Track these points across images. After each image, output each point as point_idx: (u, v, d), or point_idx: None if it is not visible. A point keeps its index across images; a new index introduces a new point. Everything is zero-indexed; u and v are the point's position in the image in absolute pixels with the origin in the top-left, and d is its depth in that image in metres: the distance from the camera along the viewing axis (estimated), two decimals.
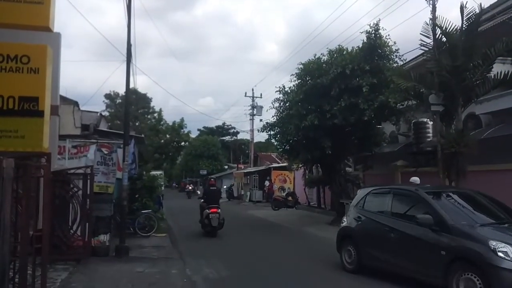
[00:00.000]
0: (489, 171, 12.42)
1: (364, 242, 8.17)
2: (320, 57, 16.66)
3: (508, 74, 10.85)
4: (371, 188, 9.47)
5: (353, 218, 8.72)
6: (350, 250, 8.50)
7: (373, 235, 8.02)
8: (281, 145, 19.43)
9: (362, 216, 8.48)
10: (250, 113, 43.47)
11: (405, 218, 7.50)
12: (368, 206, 8.59)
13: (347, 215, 9.25)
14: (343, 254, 8.74)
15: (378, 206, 8.32)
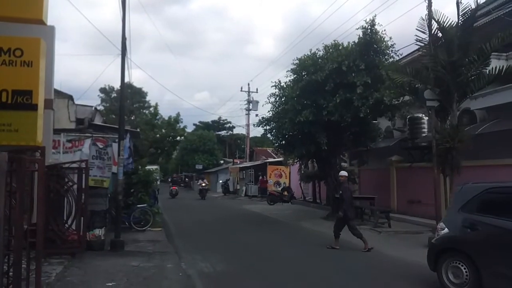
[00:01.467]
0: (484, 166, 12.52)
1: (488, 257, 6.16)
2: (316, 53, 16.65)
3: (503, 69, 10.88)
4: (483, 184, 7.02)
5: (462, 225, 6.67)
6: (458, 267, 6.50)
7: (505, 248, 5.95)
8: (277, 140, 19.46)
9: (480, 223, 6.43)
10: (246, 108, 43.47)
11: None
12: (487, 209, 6.48)
13: (445, 221, 7.28)
14: (444, 272, 6.74)
15: (507, 209, 6.21)
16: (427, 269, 8.48)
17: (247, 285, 7.17)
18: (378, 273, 8.31)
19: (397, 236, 12.83)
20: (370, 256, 9.96)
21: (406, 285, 7.39)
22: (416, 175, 15.57)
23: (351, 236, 12.80)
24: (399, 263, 9.14)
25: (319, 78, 15.08)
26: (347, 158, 22.99)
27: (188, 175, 59.09)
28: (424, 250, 9.92)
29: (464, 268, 6.39)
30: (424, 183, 14.00)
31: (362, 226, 14.58)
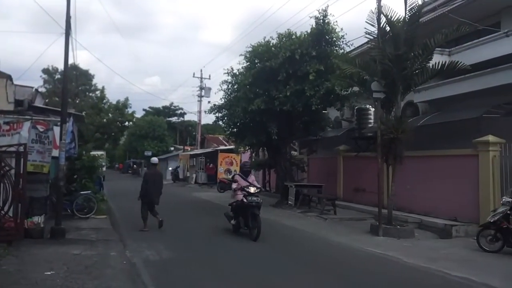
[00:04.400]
0: (424, 157, 13.14)
1: None
2: (269, 41, 16.64)
3: (445, 64, 11.40)
4: None
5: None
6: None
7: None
8: (228, 128, 19.39)
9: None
10: (198, 95, 42.88)
11: None
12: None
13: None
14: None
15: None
16: (368, 253, 8.86)
17: (193, 272, 7.10)
18: (322, 258, 8.55)
19: (342, 223, 13.24)
20: (316, 243, 10.22)
21: (349, 269, 7.65)
22: (362, 164, 16.09)
23: (300, 223, 13.10)
24: (342, 249, 9.45)
25: (273, 64, 15.09)
26: (297, 147, 23.35)
27: (137, 162, 57.66)
28: (367, 235, 10.36)
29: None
30: (369, 172, 14.49)
31: (309, 214, 14.98)
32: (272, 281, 6.64)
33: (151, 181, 11.43)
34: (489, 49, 12.97)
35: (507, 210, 8.74)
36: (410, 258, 8.26)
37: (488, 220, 8.99)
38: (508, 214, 8.73)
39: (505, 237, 8.72)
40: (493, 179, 10.67)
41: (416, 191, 12.98)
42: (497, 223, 8.78)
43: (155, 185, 11.46)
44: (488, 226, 9.03)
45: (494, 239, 8.91)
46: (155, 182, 11.51)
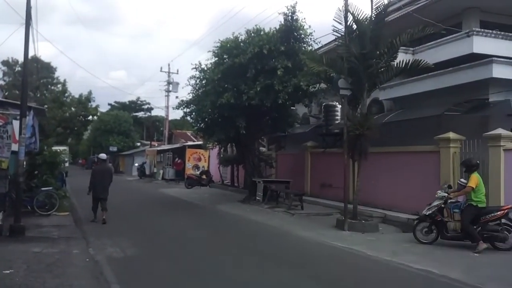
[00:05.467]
0: (388, 153, 13.47)
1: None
2: (238, 36, 16.55)
3: (409, 63, 11.71)
4: None
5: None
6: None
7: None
8: (197, 123, 19.19)
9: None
10: (166, 89, 42.25)
11: None
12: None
13: None
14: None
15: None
16: (333, 247, 9.01)
17: (158, 268, 6.99)
18: (287, 252, 8.63)
19: (309, 217, 13.39)
20: (282, 237, 10.31)
21: (315, 263, 7.76)
22: (329, 160, 16.33)
23: (267, 218, 13.16)
24: (309, 243, 9.56)
25: (241, 60, 15.03)
26: (265, 143, 23.44)
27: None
28: (333, 230, 10.53)
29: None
30: (336, 167, 14.70)
31: (277, 209, 15.08)
32: (239, 275, 6.64)
33: (99, 177, 11.78)
34: (451, 49, 13.45)
35: (441, 204, 9.23)
36: (374, 251, 8.45)
37: (424, 213, 9.44)
38: (442, 207, 9.25)
39: (439, 229, 9.22)
40: (453, 175, 11.06)
41: (380, 186, 13.30)
42: (432, 216, 9.26)
43: (103, 181, 11.74)
44: (424, 219, 9.50)
45: (429, 231, 9.39)
46: (103, 177, 11.82)
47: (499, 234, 8.65)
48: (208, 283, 6.29)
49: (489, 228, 8.69)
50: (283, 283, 6.35)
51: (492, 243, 8.71)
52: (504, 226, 8.69)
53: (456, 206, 9.18)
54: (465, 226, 8.73)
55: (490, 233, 8.68)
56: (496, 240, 8.68)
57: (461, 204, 9.16)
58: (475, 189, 8.71)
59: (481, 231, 8.68)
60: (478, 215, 8.74)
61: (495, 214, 8.68)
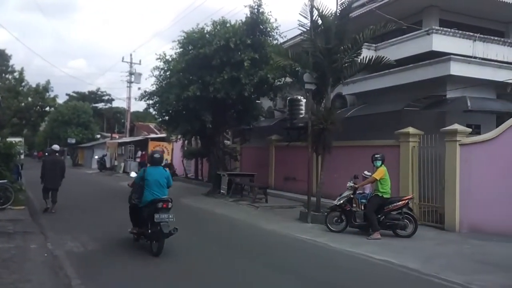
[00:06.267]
0: (351, 147, 13.77)
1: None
2: (203, 28, 16.34)
3: (372, 59, 11.97)
4: None
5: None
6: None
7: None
8: (160, 115, 18.85)
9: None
10: (128, 80, 41.20)
11: None
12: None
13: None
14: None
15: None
16: (297, 239, 9.14)
17: (119, 262, 6.84)
18: (252, 244, 8.73)
19: (273, 210, 13.51)
20: (246, 230, 10.36)
21: (278, 254, 7.85)
22: (293, 153, 16.50)
23: (232, 211, 13.17)
24: (272, 235, 9.65)
25: (207, 51, 14.86)
26: (230, 136, 23.39)
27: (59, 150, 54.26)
28: (296, 222, 10.68)
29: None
30: (299, 161, 14.90)
31: (241, 202, 15.11)
32: (203, 267, 6.62)
33: (50, 168, 11.87)
34: (411, 46, 13.85)
35: (350, 194, 9.82)
36: (336, 243, 8.64)
37: (335, 203, 9.96)
38: (351, 198, 9.85)
39: (348, 218, 9.77)
40: (412, 168, 11.44)
41: (343, 180, 13.51)
42: (342, 206, 9.79)
43: (55, 172, 11.87)
44: (334, 209, 10.02)
45: (339, 220, 9.92)
46: (55, 168, 11.93)
47: (399, 222, 9.42)
48: (171, 275, 6.21)
49: (392, 217, 9.45)
50: (246, 273, 6.38)
51: (394, 230, 9.46)
52: (405, 215, 9.44)
53: (364, 196, 9.99)
54: (368, 214, 9.43)
55: (392, 222, 9.44)
56: (397, 228, 9.43)
57: (368, 195, 9.94)
58: (381, 181, 9.37)
59: (384, 220, 9.42)
60: (383, 205, 9.42)
61: (397, 204, 9.43)
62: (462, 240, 9.27)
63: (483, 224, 9.97)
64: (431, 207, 10.99)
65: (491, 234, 9.56)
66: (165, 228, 7.06)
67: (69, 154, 51.28)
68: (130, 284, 5.86)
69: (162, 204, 7.35)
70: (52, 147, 13.61)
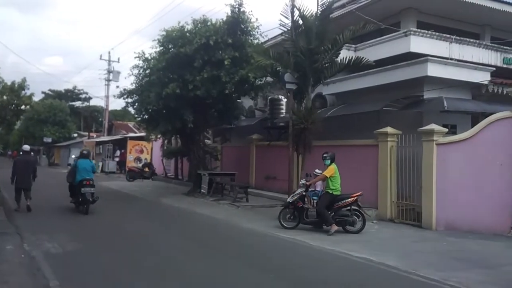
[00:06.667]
0: (331, 146, 13.83)
1: None
2: (184, 26, 16.23)
3: (352, 60, 12.12)
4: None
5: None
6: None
7: None
8: (140, 114, 18.62)
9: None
10: (106, 78, 40.56)
11: None
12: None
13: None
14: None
15: None
16: (278, 238, 9.19)
17: (99, 263, 6.74)
18: (232, 243, 8.74)
19: (254, 210, 13.53)
20: (227, 229, 10.36)
21: (259, 253, 7.88)
22: (274, 152, 16.55)
23: (212, 211, 13.15)
24: (253, 234, 9.67)
25: (187, 50, 14.76)
26: (211, 135, 23.31)
27: (35, 149, 52.98)
28: (276, 221, 10.72)
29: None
30: (280, 160, 14.96)
31: (222, 201, 15.08)
32: (185, 267, 6.58)
33: (22, 167, 11.96)
34: (390, 47, 14.08)
35: (302, 192, 10.12)
36: (316, 241, 8.71)
37: (288, 201, 10.27)
38: (304, 195, 10.14)
39: (300, 215, 10.05)
40: (390, 167, 11.64)
41: None
42: (294, 203, 10.08)
43: (26, 171, 11.96)
44: (287, 206, 10.30)
45: (292, 217, 10.18)
46: (25, 168, 12.01)
47: (348, 218, 9.74)
48: (152, 277, 6.16)
49: (341, 213, 9.78)
50: (227, 272, 6.37)
51: (343, 226, 9.77)
52: (354, 212, 9.77)
53: (315, 194, 10.22)
54: (320, 211, 9.72)
55: (341, 218, 9.76)
56: (346, 224, 9.75)
57: (319, 192, 10.21)
58: (331, 179, 9.72)
59: (334, 216, 9.74)
60: (333, 202, 9.75)
61: (346, 200, 9.76)
62: (439, 238, 9.47)
63: (459, 222, 10.23)
64: (409, 205, 11.20)
65: (467, 232, 9.82)
66: (88, 196, 11.59)
67: (45, 153, 50.22)
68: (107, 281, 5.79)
69: (86, 182, 11.70)
70: (23, 147, 13.51)
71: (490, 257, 7.77)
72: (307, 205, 10.21)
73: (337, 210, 9.79)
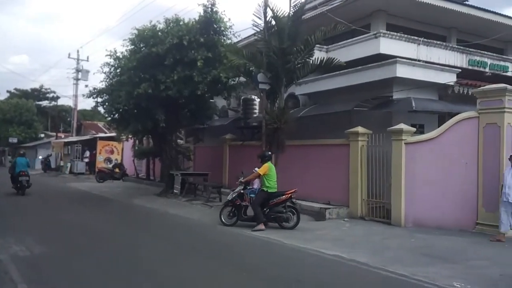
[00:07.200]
0: (303, 146, 14.03)
1: None
2: (156, 25, 16.03)
3: (323, 60, 12.30)
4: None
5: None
6: None
7: None
8: (110, 114, 18.25)
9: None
10: (74, 77, 39.54)
11: None
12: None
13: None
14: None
15: None
16: (251, 237, 9.23)
17: (69, 266, 6.59)
18: (205, 243, 8.75)
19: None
20: (200, 229, 10.33)
21: (233, 252, 7.90)
22: (247, 152, 16.54)
23: (185, 211, 13.07)
24: (227, 234, 9.67)
25: (159, 51, 14.59)
26: (183, 135, 23.12)
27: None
28: None
29: None
30: (254, 160, 14.94)
31: (195, 202, 15.00)
32: (157, 267, 6.52)
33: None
34: (360, 49, 14.36)
35: (241, 190, 10.45)
36: (289, 240, 8.79)
37: (228, 198, 10.61)
38: (242, 193, 10.42)
39: (239, 212, 10.40)
40: (361, 166, 11.86)
41: (296, 178, 13.79)
42: (233, 201, 10.40)
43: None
44: (227, 204, 10.67)
45: (231, 214, 10.50)
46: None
47: (283, 215, 10.08)
48: (124, 278, 6.07)
49: (276, 210, 10.14)
50: (202, 272, 6.35)
51: (279, 223, 10.12)
52: (289, 208, 10.15)
53: (252, 191, 10.48)
54: (253, 207, 10.05)
55: (276, 214, 10.11)
56: (281, 220, 10.10)
57: (256, 190, 10.49)
58: (266, 177, 10.09)
59: (269, 213, 10.09)
60: (268, 199, 10.09)
61: (280, 198, 10.12)
62: (407, 234, 9.72)
63: (426, 219, 10.54)
64: (379, 203, 11.45)
65: (434, 228, 10.13)
66: (24, 183, 16.30)
67: (10, 154, 48.51)
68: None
69: (22, 173, 16.33)
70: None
71: (456, 252, 8.03)
72: (245, 202, 10.42)
73: (272, 207, 10.12)
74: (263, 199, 10.09)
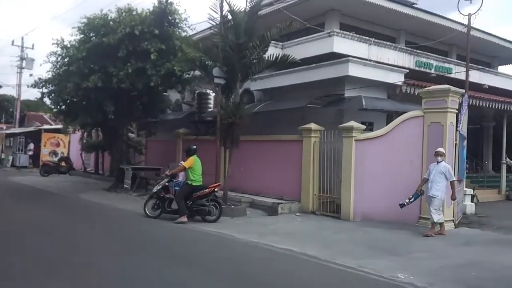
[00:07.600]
0: (257, 141, 14.12)
1: None
2: (107, 14, 15.43)
3: (279, 57, 12.38)
4: None
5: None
6: None
7: None
8: (56, 105, 17.42)
9: None
10: (18, 66, 37.38)
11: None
12: None
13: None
14: None
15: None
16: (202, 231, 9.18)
17: (9, 263, 6.24)
18: (154, 238, 8.61)
19: None
20: (150, 225, 10.12)
21: (182, 246, 7.82)
22: (201, 147, 16.28)
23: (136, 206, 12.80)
24: (178, 229, 9.55)
25: (111, 41, 14.06)
26: (135, 128, 22.50)
27: None
28: None
29: None
30: (208, 155, 14.82)
31: (146, 197, 14.62)
32: (103, 264, 6.33)
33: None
34: (315, 47, 14.62)
35: (165, 182, 10.67)
36: (242, 234, 8.82)
37: (153, 191, 10.82)
38: (167, 185, 10.61)
39: (163, 205, 10.59)
40: (313, 162, 12.10)
41: (249, 173, 13.88)
42: (158, 193, 10.60)
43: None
44: (152, 196, 10.86)
45: (155, 206, 10.68)
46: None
47: (205, 208, 10.27)
48: (69, 276, 5.83)
49: (199, 203, 10.36)
50: (151, 268, 6.23)
51: (202, 216, 10.32)
52: (212, 202, 10.43)
53: (177, 184, 10.66)
54: (176, 199, 10.28)
55: (198, 207, 10.34)
56: (203, 213, 10.29)
57: (181, 183, 10.69)
58: (190, 170, 10.34)
59: (192, 206, 10.32)
60: (192, 192, 10.32)
61: (203, 191, 10.39)
62: (356, 228, 10.04)
63: (374, 213, 10.93)
64: (330, 198, 11.74)
65: (380, 222, 10.52)
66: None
67: None
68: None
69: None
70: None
71: (400, 245, 8.39)
72: (169, 195, 10.47)
73: (195, 200, 10.27)
74: (187, 192, 10.22)
